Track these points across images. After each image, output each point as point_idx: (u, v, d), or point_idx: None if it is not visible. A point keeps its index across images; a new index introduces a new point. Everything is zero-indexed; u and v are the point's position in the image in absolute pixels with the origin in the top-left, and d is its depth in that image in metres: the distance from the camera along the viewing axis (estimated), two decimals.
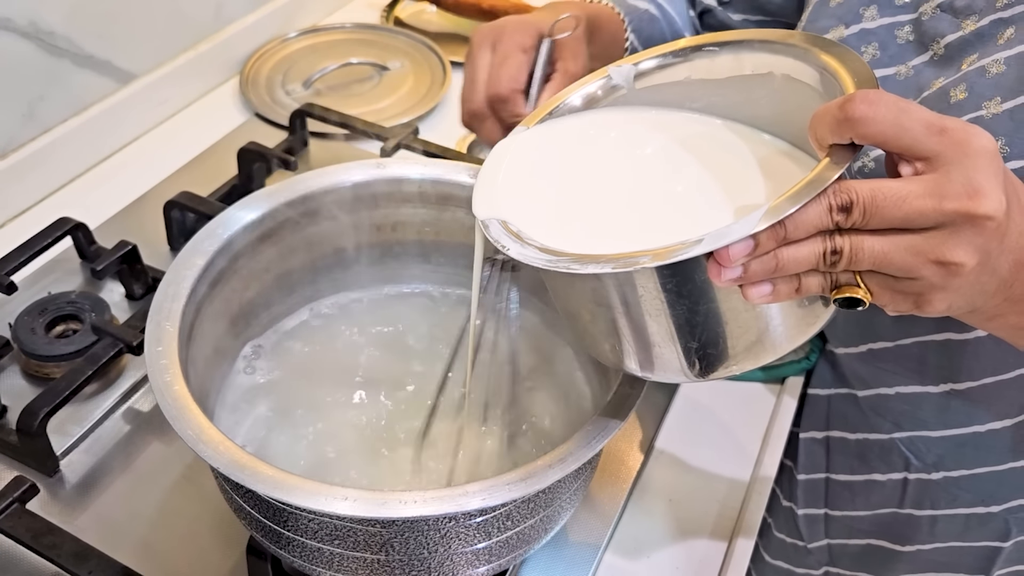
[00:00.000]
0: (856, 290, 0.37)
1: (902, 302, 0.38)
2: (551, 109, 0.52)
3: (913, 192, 0.35)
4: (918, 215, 0.35)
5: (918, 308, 0.38)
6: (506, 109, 0.57)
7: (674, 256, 0.36)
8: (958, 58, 0.52)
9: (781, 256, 0.36)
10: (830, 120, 0.36)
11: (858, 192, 0.35)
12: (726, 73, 0.48)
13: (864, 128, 0.35)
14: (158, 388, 0.46)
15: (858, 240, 0.36)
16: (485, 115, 0.58)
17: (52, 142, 0.86)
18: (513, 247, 0.42)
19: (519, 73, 0.57)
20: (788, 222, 0.35)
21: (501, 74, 0.57)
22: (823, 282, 0.38)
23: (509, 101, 0.57)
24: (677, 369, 0.42)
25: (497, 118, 0.58)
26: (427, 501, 0.42)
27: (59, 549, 0.52)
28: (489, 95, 0.57)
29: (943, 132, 0.35)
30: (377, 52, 1.10)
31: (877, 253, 0.36)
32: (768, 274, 0.37)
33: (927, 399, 0.64)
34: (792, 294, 0.38)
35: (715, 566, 0.61)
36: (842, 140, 0.36)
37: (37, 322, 0.68)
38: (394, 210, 0.62)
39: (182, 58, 0.98)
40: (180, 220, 0.78)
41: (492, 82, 0.57)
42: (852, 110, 0.35)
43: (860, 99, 0.35)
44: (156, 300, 0.51)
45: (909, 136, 0.35)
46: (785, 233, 0.36)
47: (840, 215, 0.35)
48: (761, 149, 0.47)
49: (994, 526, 0.67)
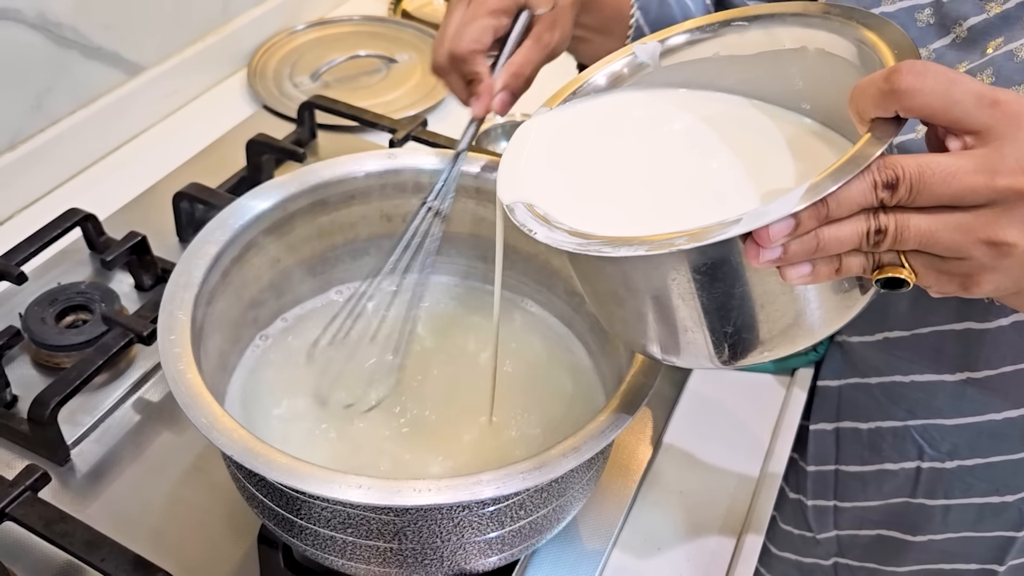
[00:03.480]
0: (900, 270, 0.36)
1: (948, 283, 0.36)
2: (575, 89, 0.51)
3: (963, 168, 0.33)
4: (968, 192, 0.33)
5: (964, 290, 0.36)
6: (464, 67, 0.56)
7: (711, 237, 0.34)
8: (982, 41, 0.52)
9: (822, 236, 0.35)
10: (874, 92, 0.35)
11: (904, 168, 0.34)
12: (756, 48, 0.46)
13: (911, 100, 0.34)
14: (171, 376, 0.46)
15: (904, 218, 0.34)
16: (446, 69, 0.57)
17: (60, 133, 0.86)
18: (540, 231, 0.41)
19: (482, 35, 0.56)
20: (830, 200, 0.34)
21: (464, 33, 0.56)
22: (865, 262, 0.36)
23: (467, 61, 0.56)
24: (705, 355, 0.41)
25: (458, 73, 0.57)
26: (440, 489, 0.42)
27: (71, 537, 0.52)
28: (450, 51, 0.56)
29: (996, 104, 0.34)
30: (385, 44, 1.10)
31: (924, 232, 0.34)
32: (809, 255, 0.35)
33: (943, 387, 0.63)
34: (832, 275, 0.36)
35: (725, 559, 0.61)
36: (886, 113, 0.35)
37: (47, 312, 0.68)
38: (405, 201, 0.61)
39: (190, 50, 0.98)
40: (189, 211, 0.78)
41: (455, 39, 0.56)
42: (898, 81, 0.34)
43: (907, 70, 0.34)
44: (168, 289, 0.51)
45: (959, 108, 0.34)
46: (827, 211, 0.34)
47: (885, 192, 0.34)
48: (791, 129, 0.45)
49: (1008, 516, 0.66)
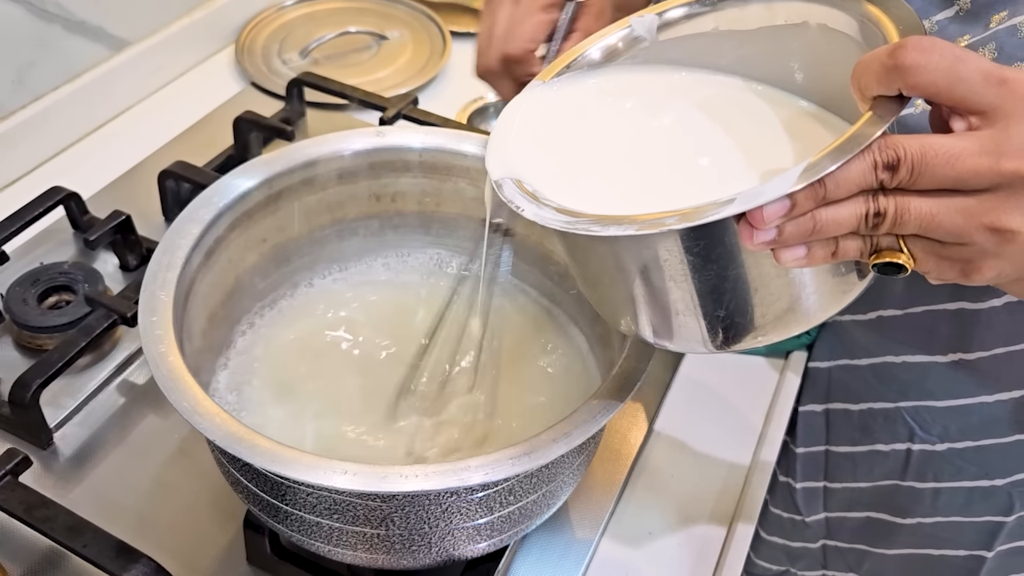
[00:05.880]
0: (898, 255, 0.35)
1: (948, 269, 0.35)
2: (568, 62, 0.49)
3: (967, 149, 0.32)
4: (972, 175, 0.32)
5: (965, 276, 0.35)
6: (519, 69, 0.55)
7: (704, 217, 0.33)
8: (985, 14, 0.50)
9: (819, 217, 0.33)
10: (877, 68, 0.33)
11: (906, 148, 0.32)
12: (756, 23, 0.45)
13: (915, 77, 0.32)
14: (152, 359, 0.45)
15: (904, 201, 0.33)
16: (498, 73, 0.56)
17: (43, 110, 0.84)
18: (528, 208, 0.40)
19: (537, 33, 0.54)
20: (828, 180, 0.33)
21: (518, 32, 0.54)
22: (862, 246, 0.35)
23: (523, 62, 0.54)
24: (698, 339, 0.40)
25: (511, 76, 0.56)
26: (428, 475, 0.41)
27: (53, 522, 0.51)
28: (504, 53, 0.55)
29: (1003, 83, 0.32)
30: (375, 21, 1.08)
31: (924, 215, 0.33)
32: (805, 237, 0.34)
33: (934, 369, 0.63)
34: (828, 258, 0.35)
35: (716, 545, 0.61)
36: (889, 91, 0.34)
37: (29, 293, 0.67)
38: (394, 180, 0.60)
39: (176, 25, 0.96)
40: (175, 190, 0.77)
41: (508, 39, 0.54)
42: (903, 57, 0.32)
43: (912, 45, 0.32)
44: (150, 269, 0.49)
45: (965, 87, 0.32)
46: (824, 192, 0.33)
47: (885, 173, 0.33)
48: (788, 110, 0.44)
49: (997, 500, 0.66)
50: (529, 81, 0.51)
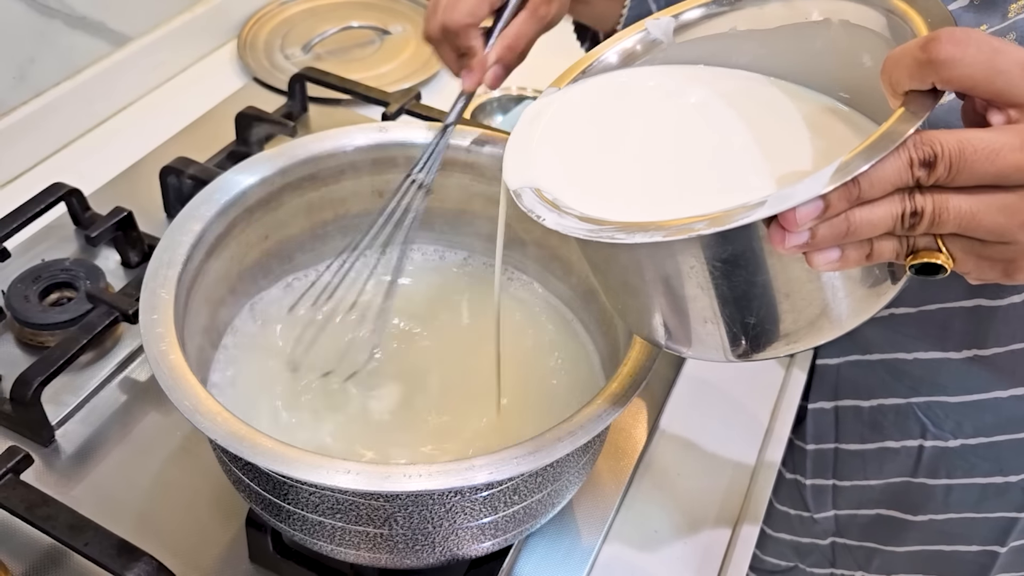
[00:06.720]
0: (936, 255, 0.33)
1: (989, 270, 0.34)
2: (584, 67, 0.48)
3: (1008, 144, 0.31)
4: (1014, 170, 0.31)
5: (1007, 276, 0.34)
6: (457, 40, 0.55)
7: (734, 221, 0.32)
8: (1003, 3, 0.49)
9: (853, 218, 0.32)
10: (909, 62, 0.32)
11: (943, 144, 0.31)
12: (776, 22, 0.44)
13: (951, 71, 0.31)
14: (153, 357, 0.44)
15: (942, 199, 0.32)
16: (439, 40, 0.56)
17: (44, 106, 0.84)
18: (550, 217, 0.38)
19: (477, 8, 0.54)
20: (862, 179, 0.31)
21: (459, 5, 0.54)
22: (898, 247, 0.34)
23: (460, 35, 0.54)
24: (719, 347, 0.39)
25: (451, 45, 0.56)
26: (432, 475, 0.40)
27: (54, 520, 0.51)
28: (442, 23, 0.54)
29: None
30: (378, 16, 1.08)
31: (964, 214, 0.32)
32: (839, 239, 0.32)
33: (947, 364, 0.62)
34: (862, 260, 0.34)
35: (722, 543, 0.60)
36: (923, 86, 0.32)
37: (31, 290, 0.67)
38: (397, 176, 0.60)
39: (178, 20, 0.96)
40: (177, 186, 0.77)
41: (448, 10, 0.54)
42: (937, 50, 0.31)
43: (946, 38, 0.31)
44: (151, 266, 0.49)
45: (1004, 79, 0.31)
46: (859, 192, 0.31)
47: (922, 171, 0.31)
48: (813, 108, 0.43)
49: (1011, 496, 0.65)
50: (467, 53, 0.51)
